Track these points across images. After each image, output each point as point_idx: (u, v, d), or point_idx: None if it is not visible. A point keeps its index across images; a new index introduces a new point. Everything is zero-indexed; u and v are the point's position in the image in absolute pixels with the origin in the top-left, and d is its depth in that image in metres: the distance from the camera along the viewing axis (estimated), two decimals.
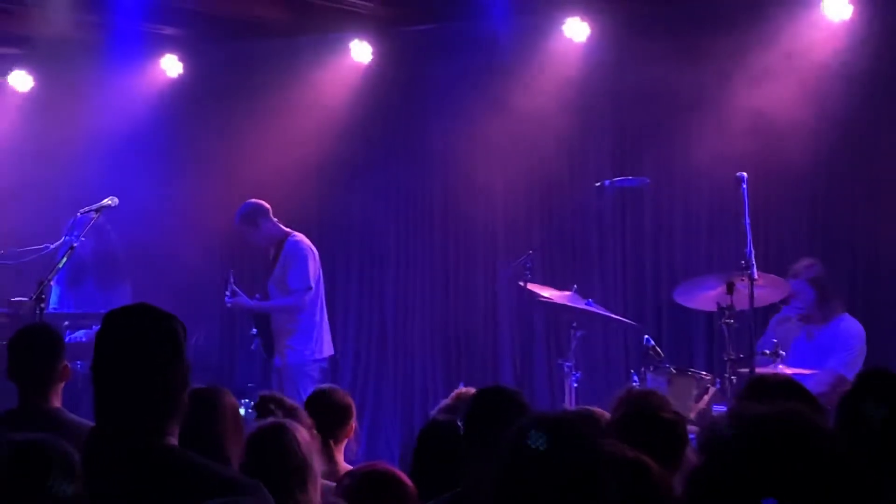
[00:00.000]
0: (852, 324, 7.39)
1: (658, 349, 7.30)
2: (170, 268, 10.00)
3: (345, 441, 5.03)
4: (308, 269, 8.38)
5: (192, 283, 9.99)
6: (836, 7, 7.97)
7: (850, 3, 7.96)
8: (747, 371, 6.65)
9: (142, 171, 9.86)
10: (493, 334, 9.42)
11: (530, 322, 9.01)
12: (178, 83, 10.23)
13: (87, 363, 7.66)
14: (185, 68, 10.18)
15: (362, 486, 3.78)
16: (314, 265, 8.46)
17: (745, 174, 6.98)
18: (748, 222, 6.84)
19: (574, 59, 8.83)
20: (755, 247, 6.87)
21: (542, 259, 8.88)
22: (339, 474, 4.37)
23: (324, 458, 4.47)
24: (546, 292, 7.79)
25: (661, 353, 7.29)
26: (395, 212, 9.85)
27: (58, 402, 4.51)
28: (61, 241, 8.01)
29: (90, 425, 3.09)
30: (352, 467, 4.44)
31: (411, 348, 9.75)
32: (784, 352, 7.04)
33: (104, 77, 10.03)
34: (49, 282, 7.00)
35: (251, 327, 8.74)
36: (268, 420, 3.92)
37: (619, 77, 8.70)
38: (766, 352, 6.96)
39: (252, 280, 8.86)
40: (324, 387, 5.38)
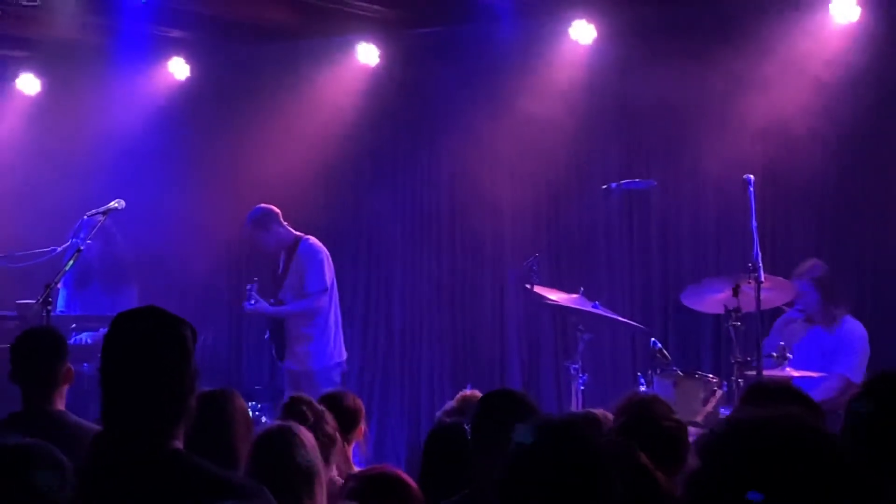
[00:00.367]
0: (855, 326, 7.38)
1: (665, 352, 7.27)
2: (176, 270, 10.02)
3: (353, 443, 5.09)
4: (324, 271, 8.37)
5: (199, 285, 10.00)
6: (844, 10, 7.96)
7: (858, 4, 7.95)
8: (755, 374, 6.63)
9: (149, 174, 9.88)
10: (501, 337, 9.41)
11: (537, 325, 9.00)
12: (185, 86, 10.23)
13: (93, 365, 7.69)
14: (193, 71, 10.18)
15: (367, 489, 3.78)
16: (329, 266, 8.44)
17: (752, 177, 6.95)
18: (755, 225, 6.82)
19: (580, 61, 8.82)
20: (762, 250, 6.85)
21: (550, 262, 8.88)
22: None
23: (341, 458, 4.51)
24: (553, 295, 7.78)
25: (668, 356, 7.25)
26: (402, 214, 9.85)
27: (62, 405, 4.51)
28: (68, 243, 8.02)
29: (94, 428, 3.10)
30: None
31: (419, 350, 9.74)
32: (790, 354, 7.02)
33: (111, 80, 10.04)
34: (56, 284, 7.00)
35: (262, 331, 8.73)
36: (273, 423, 3.92)
37: (625, 79, 8.70)
38: (773, 354, 6.94)
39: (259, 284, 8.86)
40: (335, 390, 5.47)
